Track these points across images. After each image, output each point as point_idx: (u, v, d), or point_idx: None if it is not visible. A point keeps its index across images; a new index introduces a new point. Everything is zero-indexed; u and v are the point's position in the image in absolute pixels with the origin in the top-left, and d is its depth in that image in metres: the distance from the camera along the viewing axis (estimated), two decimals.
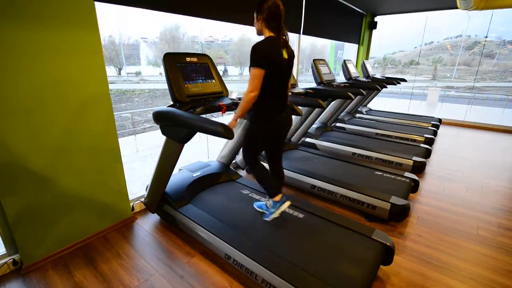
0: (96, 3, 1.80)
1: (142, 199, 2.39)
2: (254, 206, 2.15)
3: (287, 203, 1.91)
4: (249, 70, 1.61)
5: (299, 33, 4.20)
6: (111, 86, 1.99)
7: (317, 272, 1.50)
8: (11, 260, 1.77)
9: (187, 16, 2.57)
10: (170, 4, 2.38)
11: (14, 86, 1.53)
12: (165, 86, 1.88)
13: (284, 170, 2.89)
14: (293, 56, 1.76)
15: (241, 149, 2.02)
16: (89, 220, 2.06)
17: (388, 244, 1.71)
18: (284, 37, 1.65)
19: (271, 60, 1.58)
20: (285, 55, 1.66)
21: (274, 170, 2.09)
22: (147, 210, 2.46)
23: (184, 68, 1.96)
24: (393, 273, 1.78)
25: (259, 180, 1.95)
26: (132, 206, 2.39)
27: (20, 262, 1.80)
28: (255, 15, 1.67)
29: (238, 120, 2.60)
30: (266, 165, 2.09)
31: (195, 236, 1.99)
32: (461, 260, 1.90)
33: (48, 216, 1.83)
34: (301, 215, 2.06)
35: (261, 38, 1.68)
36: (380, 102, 9.08)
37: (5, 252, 1.79)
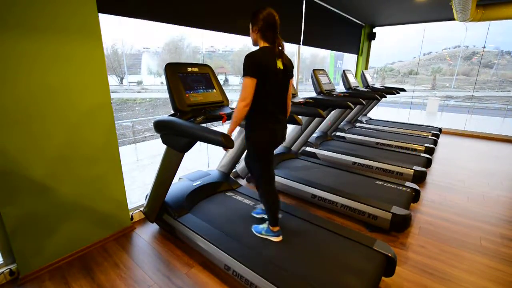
0: (100, 14, 1.84)
1: (142, 208, 2.37)
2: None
3: (279, 238, 1.87)
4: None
5: (299, 44, 4.26)
6: (112, 95, 2.01)
7: (318, 283, 1.48)
8: (8, 270, 1.75)
9: (188, 27, 2.62)
10: (172, 15, 2.43)
11: (15, 94, 1.55)
12: (166, 95, 1.89)
13: (285, 179, 2.90)
14: (291, 66, 1.75)
15: (251, 172, 1.94)
16: (88, 230, 2.04)
17: (389, 255, 1.69)
18: (279, 48, 1.64)
19: (263, 70, 1.57)
20: (280, 66, 1.64)
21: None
22: (146, 220, 2.44)
23: (185, 78, 1.99)
24: (395, 284, 1.75)
25: (267, 206, 1.86)
26: (131, 216, 2.38)
27: (17, 272, 1.77)
28: (250, 25, 1.68)
29: (238, 129, 2.63)
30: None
31: (194, 246, 1.96)
32: (465, 272, 1.87)
33: (47, 225, 1.81)
34: (301, 225, 2.04)
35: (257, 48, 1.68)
36: (379, 112, 9.13)
37: (2, 261, 1.77)
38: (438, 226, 2.41)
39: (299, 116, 2.42)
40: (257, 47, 1.68)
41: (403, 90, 5.14)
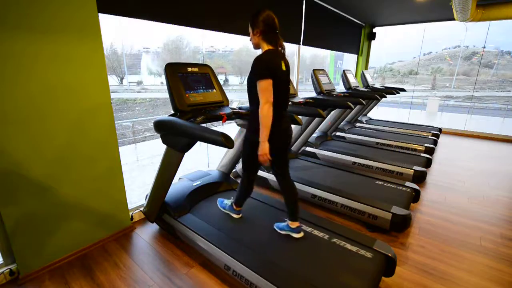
0: (100, 14, 1.84)
1: (142, 208, 2.37)
2: (275, 227, 2.00)
3: (239, 216, 2.09)
4: (251, 84, 1.61)
5: (299, 44, 4.26)
6: (112, 95, 2.01)
7: (318, 283, 1.48)
8: (8, 270, 1.75)
9: (188, 27, 2.62)
10: (172, 15, 2.43)
11: (14, 94, 1.55)
12: (166, 95, 1.90)
13: None
14: (289, 67, 1.78)
15: (241, 161, 1.96)
16: (88, 230, 2.04)
17: (389, 255, 1.69)
18: (281, 49, 1.66)
19: (273, 73, 1.58)
20: (284, 67, 1.66)
21: (282, 184, 1.93)
22: (146, 220, 2.44)
23: (185, 78, 1.99)
24: (395, 284, 1.75)
25: (240, 188, 2.03)
26: (131, 216, 2.38)
27: (17, 272, 1.77)
28: (250, 29, 1.67)
29: (239, 129, 2.63)
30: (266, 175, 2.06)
31: (194, 246, 1.96)
32: (465, 272, 1.87)
33: (47, 225, 1.81)
34: (301, 225, 2.04)
35: (259, 52, 1.68)
36: (379, 112, 9.13)
37: (2, 261, 1.77)
38: (438, 226, 2.41)
39: (299, 116, 2.42)
40: (259, 51, 1.68)
41: (403, 90, 5.14)
